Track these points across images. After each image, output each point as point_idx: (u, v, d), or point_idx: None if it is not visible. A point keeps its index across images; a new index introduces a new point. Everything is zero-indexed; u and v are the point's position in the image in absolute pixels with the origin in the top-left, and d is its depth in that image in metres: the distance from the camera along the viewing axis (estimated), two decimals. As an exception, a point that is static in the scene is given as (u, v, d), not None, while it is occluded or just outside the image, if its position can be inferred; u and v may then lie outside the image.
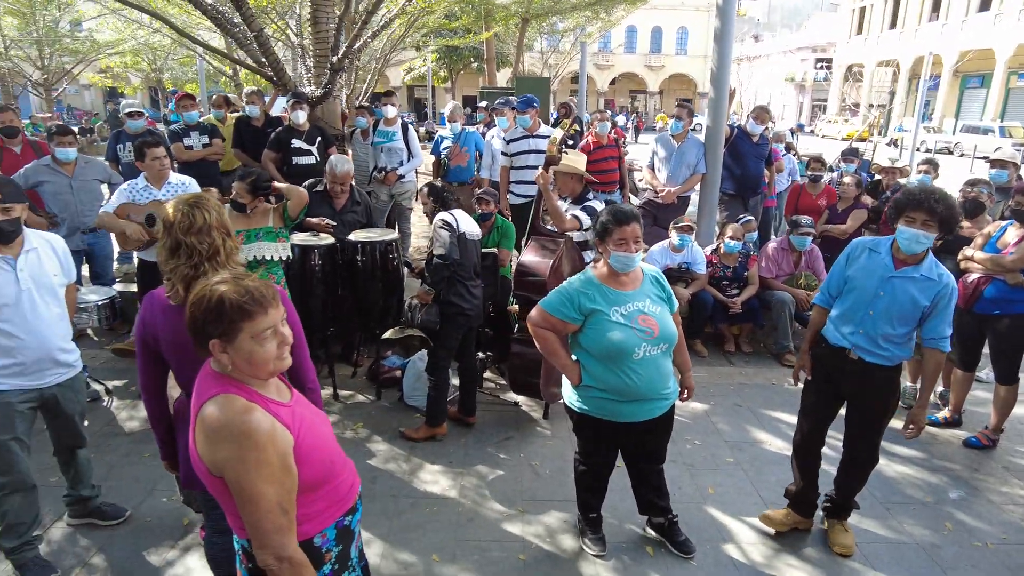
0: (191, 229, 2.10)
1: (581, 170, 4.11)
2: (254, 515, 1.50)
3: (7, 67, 20.74)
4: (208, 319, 1.53)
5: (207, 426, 1.51)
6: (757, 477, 3.78)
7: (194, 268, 2.09)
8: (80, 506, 3.21)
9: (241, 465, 1.47)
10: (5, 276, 2.63)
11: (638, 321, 2.62)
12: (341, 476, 1.73)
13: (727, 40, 5.78)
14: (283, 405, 1.62)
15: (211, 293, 1.56)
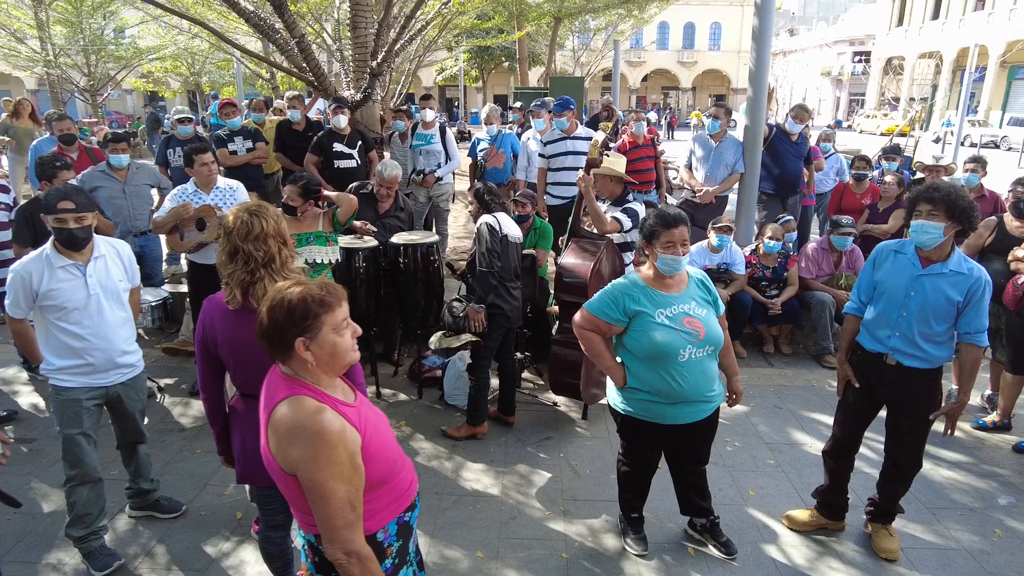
0: (248, 236, 2.19)
1: (621, 172, 4.13)
2: (325, 511, 1.57)
3: (57, 74, 21.42)
4: (293, 319, 1.61)
5: (281, 427, 1.59)
6: (799, 479, 3.77)
7: (250, 274, 2.19)
8: (140, 499, 3.35)
9: (314, 464, 1.55)
10: (75, 282, 2.77)
11: (683, 323, 2.65)
12: (402, 474, 1.81)
13: (766, 38, 5.73)
14: (350, 406, 1.69)
15: (289, 295, 1.64)
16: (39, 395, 4.68)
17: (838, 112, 45.62)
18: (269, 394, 1.68)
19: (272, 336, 1.64)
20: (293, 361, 1.66)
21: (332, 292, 1.68)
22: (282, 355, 1.66)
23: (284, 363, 1.68)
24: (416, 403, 4.63)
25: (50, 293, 2.73)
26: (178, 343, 5.31)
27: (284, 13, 5.99)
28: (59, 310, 2.75)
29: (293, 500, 1.68)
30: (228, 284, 2.24)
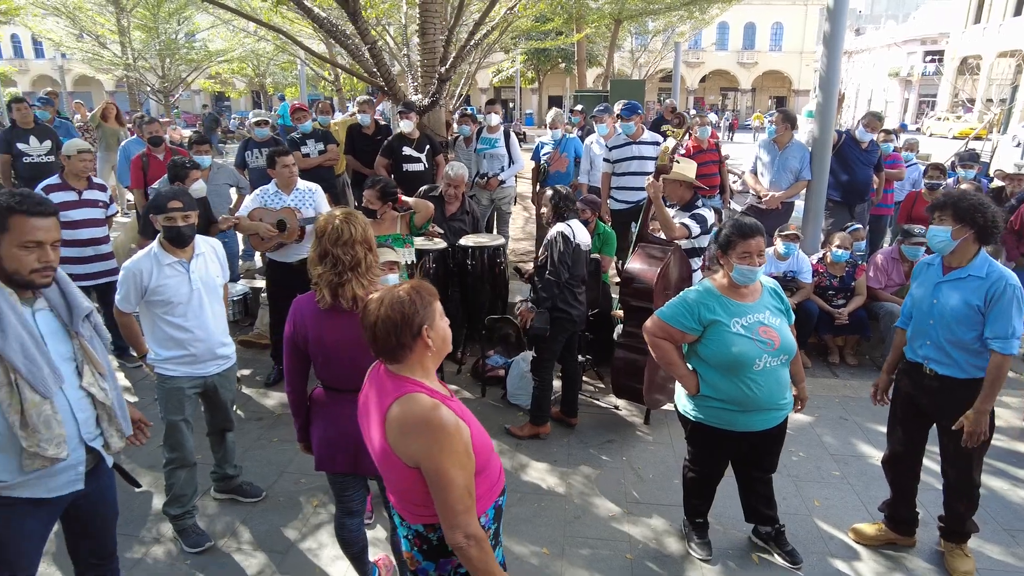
0: (338, 240, 2.33)
1: (691, 178, 4.14)
2: (447, 498, 1.68)
3: (135, 77, 22.54)
4: (415, 308, 1.75)
5: (403, 422, 1.71)
6: (865, 492, 3.72)
7: (338, 276, 2.33)
8: (225, 483, 3.57)
9: (438, 454, 1.67)
10: (180, 278, 2.98)
11: (759, 332, 2.67)
12: (495, 461, 1.92)
13: (837, 43, 5.62)
14: (452, 400, 1.81)
15: (400, 292, 1.78)
16: (128, 381, 5.00)
17: (905, 115, 43.91)
18: (381, 391, 1.79)
19: (401, 330, 1.74)
20: (410, 356, 1.77)
21: (429, 284, 1.85)
22: (402, 351, 1.76)
23: (395, 361, 1.79)
24: (479, 401, 4.75)
25: (158, 288, 2.94)
26: (254, 336, 5.58)
27: (357, 20, 6.20)
28: (165, 304, 2.97)
29: (406, 492, 1.79)
30: (318, 284, 2.38)
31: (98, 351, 2.18)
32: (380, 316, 1.75)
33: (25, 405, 1.90)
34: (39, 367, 1.93)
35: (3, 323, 1.89)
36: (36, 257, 1.93)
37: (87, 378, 2.10)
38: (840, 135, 6.34)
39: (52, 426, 1.96)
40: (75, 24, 21.45)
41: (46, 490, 2.04)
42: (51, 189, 4.59)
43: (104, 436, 2.17)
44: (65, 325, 2.08)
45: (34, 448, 1.93)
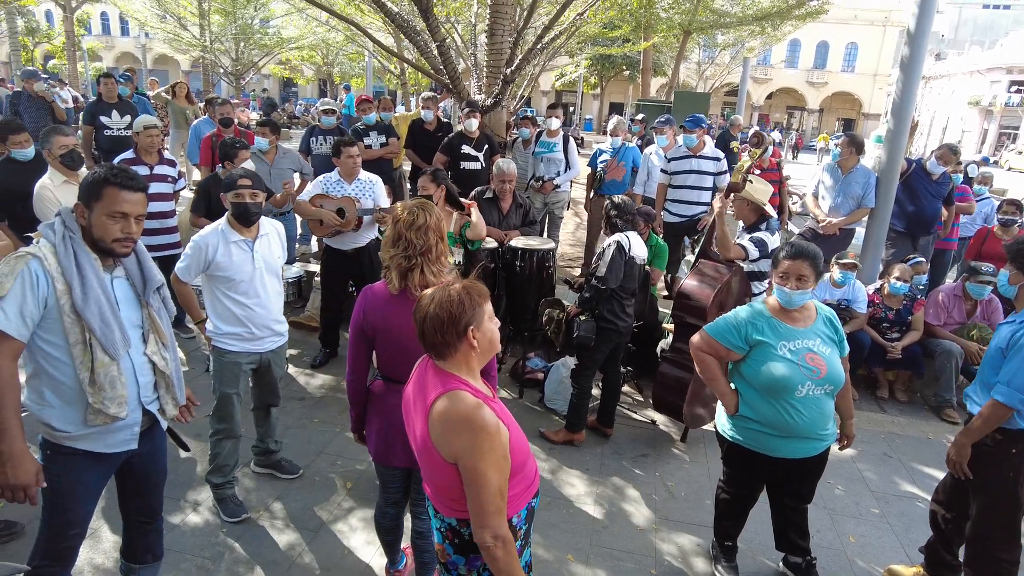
0: (413, 225, 2.38)
1: (760, 201, 4.02)
2: (480, 498, 1.72)
3: (210, 58, 23.41)
4: (463, 308, 1.78)
5: (446, 418, 1.75)
6: (904, 533, 3.61)
7: (408, 260, 2.37)
8: (265, 457, 3.69)
9: (476, 453, 1.71)
10: (244, 256, 3.11)
11: (806, 359, 2.63)
12: (530, 463, 1.94)
13: (915, 68, 5.45)
14: (494, 401, 1.84)
15: (453, 291, 1.82)
16: (182, 351, 5.20)
17: (983, 146, 42.07)
18: (425, 386, 1.84)
19: (447, 328, 1.78)
20: (456, 354, 1.81)
21: (481, 286, 1.88)
22: (447, 349, 1.81)
23: (441, 358, 1.83)
24: (516, 402, 4.78)
25: (222, 264, 3.06)
26: (304, 318, 5.74)
27: (429, 17, 6.32)
28: (228, 281, 3.09)
29: (443, 486, 1.83)
30: (388, 268, 2.42)
31: (164, 322, 2.30)
32: (429, 313, 1.80)
33: (95, 364, 2.03)
34: (112, 330, 2.06)
35: (85, 286, 2.02)
36: (120, 228, 2.07)
37: (151, 346, 2.23)
38: (910, 164, 6.14)
39: (116, 386, 2.09)
40: (159, 5, 22.40)
41: (104, 445, 2.16)
42: (126, 163, 4.82)
43: (160, 402, 2.29)
44: (138, 294, 2.21)
45: (98, 405, 2.06)
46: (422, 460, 1.85)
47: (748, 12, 18.53)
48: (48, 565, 2.24)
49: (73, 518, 2.20)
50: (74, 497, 2.18)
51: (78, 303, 2.00)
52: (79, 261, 2.03)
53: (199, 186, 4.74)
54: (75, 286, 2.00)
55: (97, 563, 2.96)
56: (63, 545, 2.23)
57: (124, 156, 4.91)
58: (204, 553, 3.08)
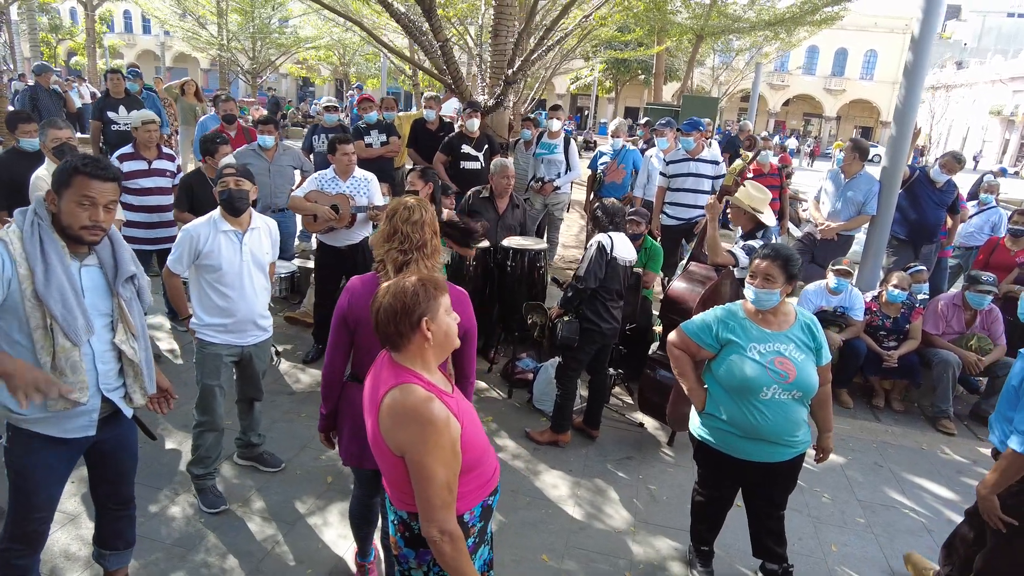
0: (409, 220, 2.38)
1: (752, 207, 3.90)
2: (426, 492, 1.71)
3: (227, 57, 23.67)
4: (417, 300, 1.78)
5: (394, 411, 1.74)
6: (888, 544, 3.56)
7: (403, 254, 2.36)
8: (248, 449, 3.71)
9: (422, 447, 1.70)
10: (232, 246, 3.14)
11: (775, 363, 2.61)
12: (488, 461, 1.94)
13: (918, 75, 5.39)
14: (449, 396, 1.83)
15: (409, 281, 1.81)
16: (176, 343, 5.26)
17: (1004, 156, 41.46)
18: (379, 380, 1.84)
19: (400, 319, 1.78)
20: (411, 346, 1.81)
21: (440, 279, 1.88)
22: (401, 340, 1.80)
23: (396, 350, 1.83)
24: (505, 402, 4.78)
25: (210, 253, 3.09)
26: (299, 314, 5.77)
27: (432, 17, 6.35)
28: (215, 271, 3.12)
29: (393, 479, 1.84)
30: (382, 262, 2.41)
31: (134, 313, 2.31)
32: (383, 304, 1.80)
33: (56, 349, 2.06)
34: (74, 316, 2.09)
35: (48, 272, 2.05)
36: (88, 215, 2.09)
37: (119, 335, 2.25)
38: (913, 171, 6.07)
39: (77, 371, 2.12)
40: (179, 3, 22.68)
41: (61, 430, 2.18)
42: (125, 158, 4.88)
43: (127, 390, 2.31)
44: (109, 283, 2.24)
45: None
46: (375, 453, 1.85)
47: (762, 17, 18.42)
48: (17, 548, 2.27)
49: (37, 502, 2.23)
50: (36, 480, 2.20)
51: (39, 288, 2.02)
52: (44, 247, 2.06)
53: (182, 182, 4.78)
54: (37, 271, 2.03)
55: (74, 548, 2.99)
56: (30, 529, 2.26)
57: (123, 151, 4.96)
58: (180, 542, 3.11)
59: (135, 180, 4.88)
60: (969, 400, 5.53)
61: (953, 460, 4.57)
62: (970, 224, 7.02)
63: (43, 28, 29.08)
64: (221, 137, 4.81)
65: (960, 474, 4.38)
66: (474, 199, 5.07)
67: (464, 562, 1.78)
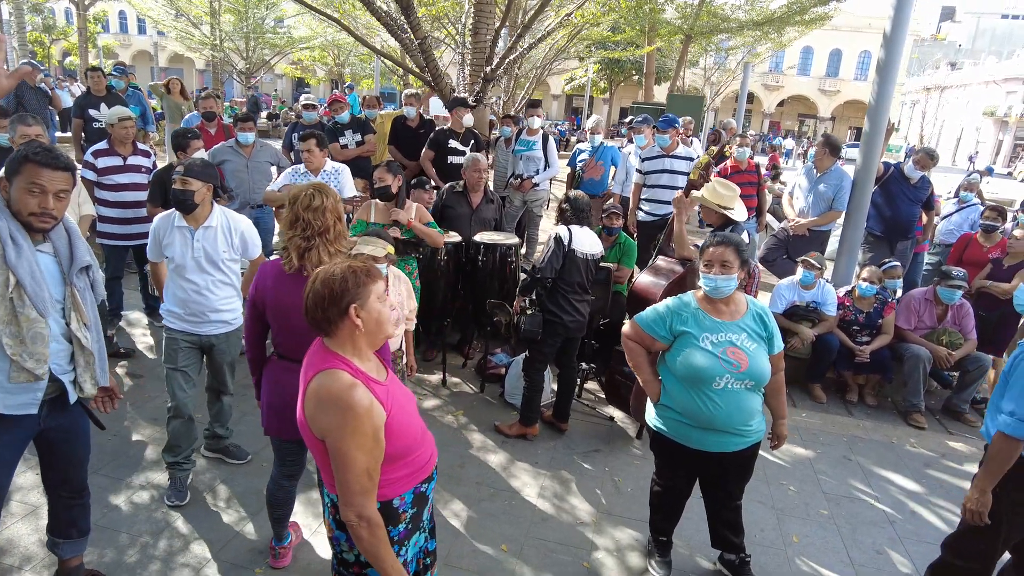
0: (310, 207, 2.45)
1: (714, 204, 3.83)
2: (344, 477, 1.73)
3: (220, 57, 23.68)
4: (346, 286, 1.78)
5: (317, 395, 1.76)
6: (850, 536, 3.58)
7: (306, 240, 2.43)
8: (214, 441, 3.73)
9: (340, 433, 1.71)
10: (184, 242, 3.18)
11: (727, 352, 2.63)
12: (422, 449, 1.95)
13: (891, 72, 5.42)
14: (380, 384, 1.84)
15: (337, 268, 1.82)
16: (153, 339, 5.27)
17: (998, 157, 41.61)
18: (310, 363, 1.85)
19: (327, 305, 1.79)
20: (340, 332, 1.82)
21: (372, 266, 1.88)
22: (329, 327, 1.81)
23: (328, 335, 1.85)
24: (477, 396, 4.80)
25: (168, 246, 3.20)
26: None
27: (410, 15, 6.38)
28: (172, 263, 3.22)
29: (322, 463, 1.85)
30: (286, 248, 2.50)
31: (87, 303, 2.35)
32: (313, 289, 1.82)
33: (21, 319, 2.11)
34: (41, 288, 2.16)
35: (18, 248, 2.12)
36: (37, 202, 2.13)
37: (73, 323, 2.28)
38: (887, 168, 6.11)
39: (38, 343, 2.16)
40: (172, 4, 22.69)
41: (3, 406, 2.20)
42: (99, 154, 4.90)
43: (78, 377, 2.33)
44: (63, 272, 2.26)
45: (17, 357, 2.12)
46: (303, 435, 1.87)
47: (751, 17, 18.47)
48: None
49: None
50: None
51: (11, 258, 2.08)
52: (10, 227, 2.12)
53: (154, 176, 4.80)
54: (8, 245, 2.09)
55: (39, 539, 2.99)
56: (-22, 517, 2.27)
57: (97, 147, 4.98)
58: (143, 529, 3.12)
59: (110, 176, 4.90)
60: (941, 395, 5.56)
61: (921, 453, 4.60)
62: (950, 222, 7.05)
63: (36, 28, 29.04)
64: (193, 132, 4.84)
65: (927, 467, 4.41)
66: (448, 194, 5.10)
67: (383, 548, 1.79)
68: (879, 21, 44.21)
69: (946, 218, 7.09)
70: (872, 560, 3.38)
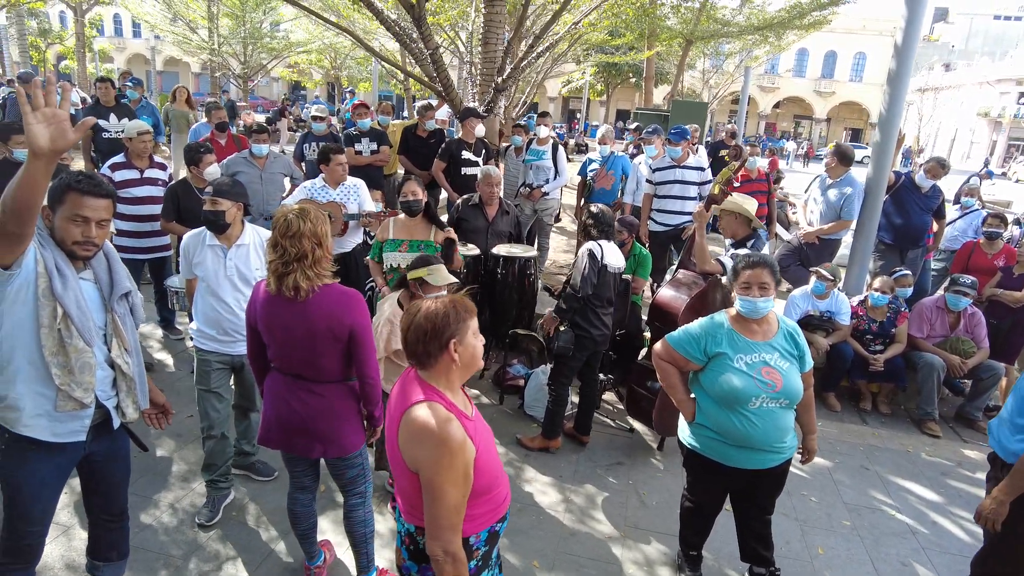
0: (286, 233, 2.44)
1: (744, 210, 3.92)
2: (436, 511, 1.75)
3: (218, 61, 23.64)
4: (447, 321, 1.83)
5: (413, 427, 1.78)
6: (874, 547, 3.61)
7: (284, 265, 2.44)
8: (241, 458, 3.73)
9: (436, 466, 1.73)
10: (217, 261, 3.18)
11: (761, 372, 2.65)
12: (500, 488, 1.98)
13: (902, 81, 5.47)
14: (469, 419, 1.88)
15: (438, 304, 1.86)
16: (168, 352, 5.27)
17: (992, 157, 41.84)
18: (405, 393, 1.88)
19: (429, 339, 1.83)
20: (438, 366, 1.85)
21: (470, 302, 1.93)
22: (428, 360, 1.85)
23: (424, 368, 1.88)
24: (496, 408, 4.82)
25: (198, 265, 3.20)
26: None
27: (422, 25, 6.39)
28: (203, 282, 3.22)
29: (405, 491, 1.88)
30: (268, 270, 2.52)
31: (127, 329, 2.35)
32: (414, 323, 1.86)
33: (69, 349, 2.12)
34: (87, 318, 2.16)
35: (63, 278, 2.12)
36: (81, 231, 2.13)
37: (115, 350, 2.28)
38: (898, 176, 6.15)
39: (86, 372, 2.17)
40: (170, 8, 22.65)
41: (53, 434, 2.20)
42: (116, 167, 4.89)
43: (120, 402, 2.33)
44: (104, 299, 2.27)
45: (65, 387, 2.13)
46: (392, 463, 1.90)
47: (751, 22, 18.54)
48: (9, 563, 2.29)
49: (31, 516, 2.24)
50: (29, 493, 2.22)
51: (57, 289, 2.08)
52: (56, 257, 2.12)
53: (168, 190, 4.79)
54: (55, 275, 2.09)
55: (69, 559, 3.01)
56: (24, 543, 2.28)
57: (115, 160, 4.98)
58: (174, 550, 3.13)
59: (127, 189, 4.89)
60: (954, 402, 5.60)
61: (938, 462, 4.64)
62: (954, 228, 7.10)
63: (32, 32, 28.90)
64: (205, 146, 4.85)
65: (945, 476, 4.45)
66: (463, 207, 5.11)
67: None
68: (874, 23, 44.55)
69: (950, 224, 7.14)
70: (898, 572, 3.41)
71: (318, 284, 2.47)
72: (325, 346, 2.51)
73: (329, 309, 2.48)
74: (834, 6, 17.05)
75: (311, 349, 2.50)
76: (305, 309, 2.47)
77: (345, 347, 2.54)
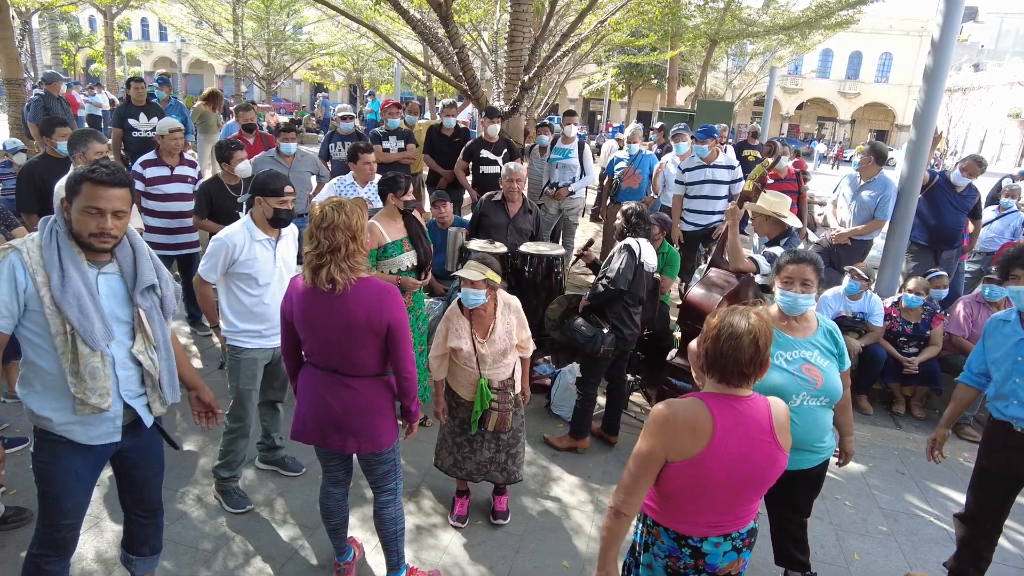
0: (321, 224, 2.41)
1: (770, 212, 3.83)
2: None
3: (242, 63, 23.91)
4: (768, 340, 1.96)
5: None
6: (912, 553, 3.52)
7: (318, 257, 2.41)
8: (270, 453, 3.74)
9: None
10: (268, 254, 3.17)
11: (802, 369, 2.59)
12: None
13: (939, 79, 5.34)
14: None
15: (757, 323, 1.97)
16: (197, 348, 5.31)
17: (1023, 159, 40.95)
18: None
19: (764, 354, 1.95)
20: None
21: None
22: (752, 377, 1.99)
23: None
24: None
25: (247, 262, 3.11)
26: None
27: (448, 24, 6.38)
28: (249, 279, 3.15)
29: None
30: (304, 263, 2.49)
31: (155, 322, 2.29)
32: (759, 342, 1.96)
33: (78, 355, 2.07)
34: (91, 322, 2.08)
35: (64, 278, 2.06)
36: (96, 223, 2.07)
37: (138, 345, 2.22)
38: (933, 176, 6.02)
39: (98, 377, 2.12)
40: (196, 12, 22.96)
41: (85, 437, 2.19)
42: (147, 164, 4.95)
43: (148, 399, 2.31)
44: (129, 291, 2.22)
45: (80, 395, 2.09)
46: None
47: (776, 22, 18.34)
48: (46, 555, 2.29)
49: (65, 509, 2.24)
50: (63, 487, 2.21)
51: (56, 294, 2.03)
52: (61, 254, 2.06)
53: (200, 188, 4.81)
54: (54, 278, 2.04)
55: (100, 551, 3.03)
56: (59, 536, 2.28)
57: (146, 157, 5.03)
58: (204, 544, 3.14)
59: (157, 186, 4.94)
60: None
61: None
62: (991, 229, 6.94)
63: (63, 36, 29.46)
64: (236, 143, 4.88)
65: (984, 482, 4.32)
66: (486, 203, 5.08)
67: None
68: (900, 22, 43.84)
69: (987, 225, 6.98)
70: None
71: (353, 278, 2.44)
72: (362, 340, 2.49)
73: (368, 303, 2.46)
74: (862, 4, 16.79)
75: (348, 343, 2.49)
76: (344, 303, 2.45)
77: (382, 342, 2.52)
